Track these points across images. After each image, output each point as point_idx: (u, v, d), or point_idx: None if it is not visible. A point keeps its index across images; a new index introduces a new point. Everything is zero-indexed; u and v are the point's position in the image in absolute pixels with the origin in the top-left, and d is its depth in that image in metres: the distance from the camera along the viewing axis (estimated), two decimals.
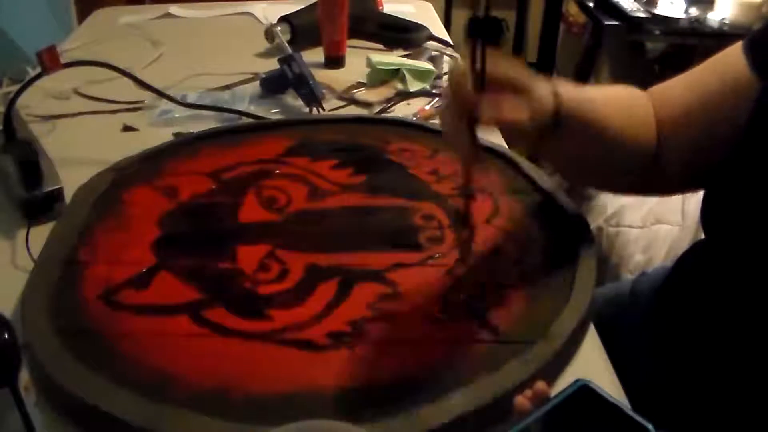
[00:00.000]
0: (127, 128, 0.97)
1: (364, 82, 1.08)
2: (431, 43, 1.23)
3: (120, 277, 0.64)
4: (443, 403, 0.50)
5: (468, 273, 0.65)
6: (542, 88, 0.60)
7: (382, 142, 0.88)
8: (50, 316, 0.58)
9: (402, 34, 1.25)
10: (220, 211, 0.74)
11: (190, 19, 1.45)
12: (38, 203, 0.74)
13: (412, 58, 1.13)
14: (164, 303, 0.61)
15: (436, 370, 0.54)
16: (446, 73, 1.13)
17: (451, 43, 1.24)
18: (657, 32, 1.77)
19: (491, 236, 0.70)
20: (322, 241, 0.70)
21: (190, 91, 1.04)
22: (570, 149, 0.65)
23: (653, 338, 0.73)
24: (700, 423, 0.63)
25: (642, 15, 1.78)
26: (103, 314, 0.60)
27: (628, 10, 1.80)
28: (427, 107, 1.01)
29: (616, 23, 1.83)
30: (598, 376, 0.56)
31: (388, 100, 1.03)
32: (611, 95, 0.68)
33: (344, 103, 1.04)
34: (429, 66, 1.09)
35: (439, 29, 1.32)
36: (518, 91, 0.58)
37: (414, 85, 1.05)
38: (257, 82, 1.07)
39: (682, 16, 1.77)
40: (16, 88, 0.89)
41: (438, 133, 0.90)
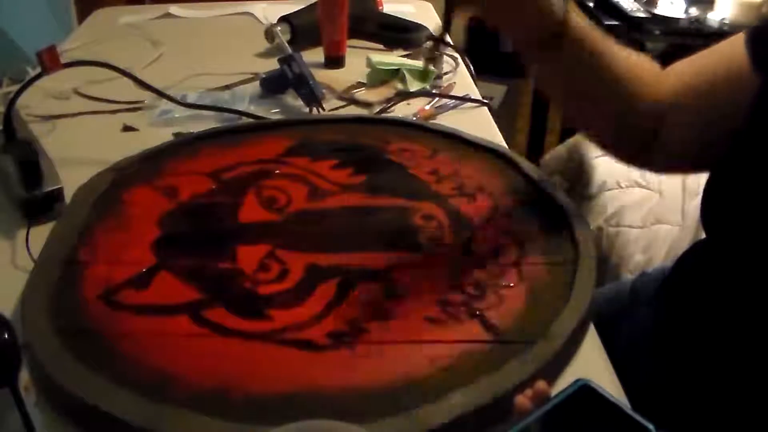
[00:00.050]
0: (127, 128, 0.97)
1: (364, 82, 1.08)
2: (431, 43, 1.23)
3: (120, 277, 0.64)
4: (443, 403, 0.50)
5: (468, 272, 0.65)
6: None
7: (382, 142, 0.88)
8: (50, 316, 0.58)
9: (402, 34, 1.25)
10: (220, 211, 0.74)
11: (190, 19, 1.45)
12: (38, 203, 0.74)
13: (412, 58, 1.13)
14: (164, 303, 0.61)
15: (436, 370, 0.54)
16: (446, 73, 1.13)
17: (451, 43, 1.24)
18: (657, 32, 1.77)
19: (491, 236, 0.70)
20: (322, 241, 0.70)
21: (190, 91, 1.04)
22: (569, 70, 0.67)
23: (653, 338, 0.73)
24: (700, 423, 0.63)
25: (642, 15, 1.78)
26: (103, 314, 0.60)
27: (628, 10, 1.80)
28: (427, 107, 1.01)
29: (616, 23, 1.83)
30: (598, 376, 0.56)
31: (388, 100, 1.03)
32: (623, 49, 0.70)
33: (344, 103, 1.04)
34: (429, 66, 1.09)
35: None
36: None
37: (414, 85, 1.05)
38: (257, 82, 1.07)
39: (682, 16, 1.77)
40: (16, 88, 0.89)
41: (438, 133, 0.90)
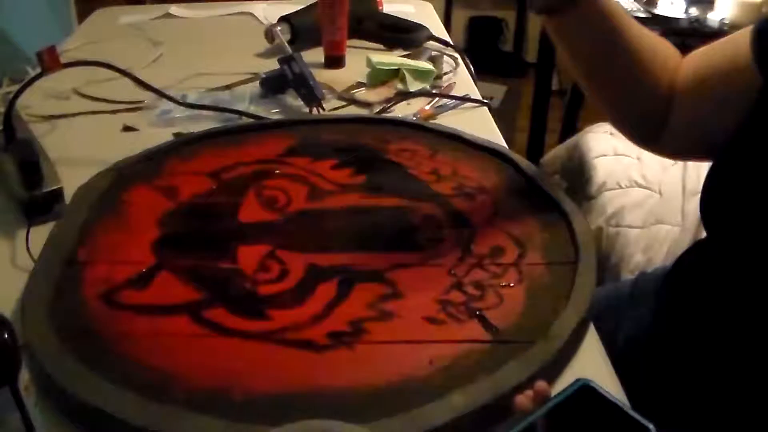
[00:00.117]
0: (127, 128, 0.97)
1: (364, 82, 1.08)
2: (431, 43, 1.23)
3: (120, 277, 0.64)
4: (443, 403, 0.50)
5: (468, 272, 0.65)
6: None
7: (382, 142, 0.88)
8: (50, 316, 0.58)
9: (402, 34, 1.24)
10: (220, 211, 0.74)
11: (190, 19, 1.45)
12: (38, 203, 0.74)
13: (412, 58, 1.13)
14: (164, 303, 0.61)
15: (436, 370, 0.54)
16: (446, 73, 1.13)
17: (451, 43, 1.24)
18: (657, 32, 1.78)
19: (491, 236, 0.70)
20: (322, 241, 0.70)
21: (190, 91, 1.04)
22: (584, 32, 0.69)
23: (653, 338, 0.73)
24: (700, 423, 0.63)
25: (642, 15, 1.78)
26: (103, 314, 0.60)
27: (628, 10, 1.80)
28: (427, 107, 1.01)
29: None
30: (598, 376, 0.55)
31: (388, 100, 1.03)
32: (644, 28, 0.72)
33: (344, 103, 1.04)
34: (429, 66, 1.09)
35: (439, 29, 1.32)
36: None
37: (414, 85, 1.05)
38: (257, 82, 1.07)
39: (682, 16, 1.77)
40: (16, 88, 0.89)
41: (438, 133, 0.90)
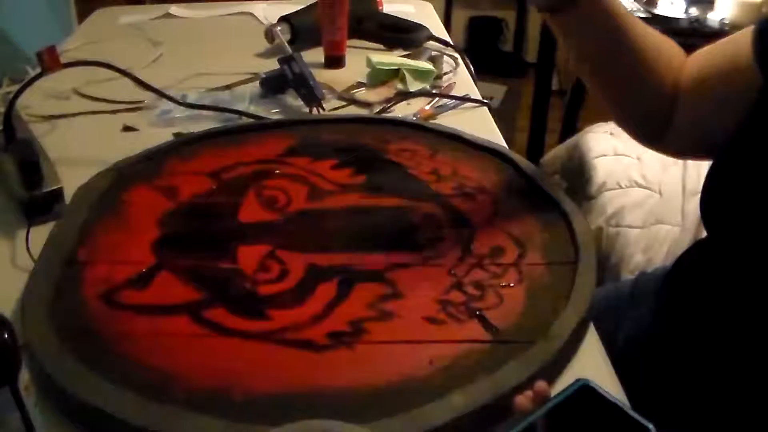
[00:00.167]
0: (127, 128, 0.97)
1: (364, 82, 1.08)
2: (431, 43, 1.23)
3: (120, 277, 0.64)
4: (443, 403, 0.50)
5: (468, 272, 0.65)
6: None
7: (382, 142, 0.88)
8: (50, 316, 0.58)
9: (402, 34, 1.24)
10: (220, 211, 0.74)
11: (190, 19, 1.45)
12: (38, 203, 0.74)
13: (412, 58, 1.13)
14: (164, 303, 0.61)
15: (436, 370, 0.54)
16: (446, 73, 1.13)
17: (451, 43, 1.24)
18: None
19: (491, 236, 0.70)
20: (322, 241, 0.70)
21: (190, 91, 1.04)
22: (587, 31, 0.70)
23: (653, 338, 0.73)
24: (700, 423, 0.63)
25: (642, 15, 1.78)
26: (103, 314, 0.60)
27: (628, 10, 1.81)
28: (427, 107, 1.01)
29: None
30: (598, 376, 0.55)
31: (388, 100, 1.03)
32: (648, 27, 0.72)
33: (344, 103, 1.04)
34: (429, 66, 1.09)
35: (439, 29, 1.32)
36: None
37: (414, 85, 1.05)
38: (257, 82, 1.07)
39: (682, 16, 1.77)
40: (16, 88, 0.89)
41: (438, 133, 0.90)
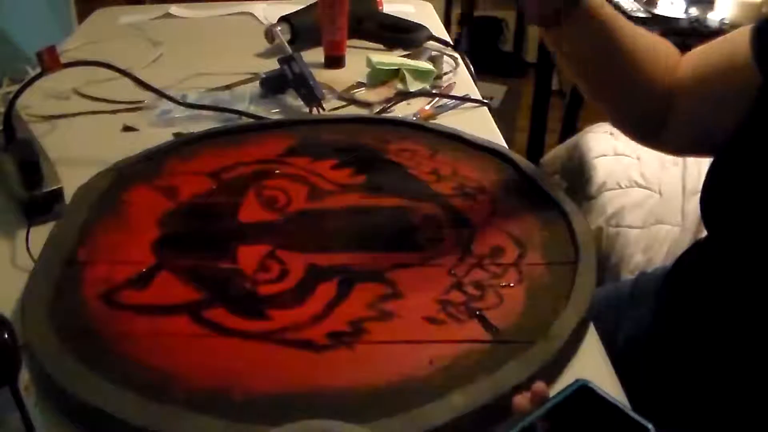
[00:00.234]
0: (127, 128, 0.97)
1: (364, 82, 1.08)
2: (431, 43, 1.23)
3: (120, 277, 0.64)
4: (443, 403, 0.50)
5: (468, 272, 0.65)
6: None
7: (382, 142, 0.88)
8: (50, 316, 0.58)
9: (402, 34, 1.24)
10: (221, 211, 0.74)
11: (190, 19, 1.45)
12: (38, 203, 0.74)
13: (412, 58, 1.13)
14: (164, 303, 0.61)
15: (436, 370, 0.54)
16: (446, 73, 1.13)
17: (451, 43, 1.24)
18: (657, 32, 1.78)
19: (491, 236, 0.70)
20: (322, 241, 0.70)
21: (190, 91, 1.04)
22: (582, 42, 0.70)
23: (653, 338, 0.73)
24: (700, 423, 0.63)
25: (642, 15, 1.78)
26: (103, 314, 0.60)
27: (628, 10, 1.80)
28: (427, 107, 1.01)
29: None
30: (598, 376, 0.56)
31: (388, 100, 1.03)
32: (641, 28, 0.73)
33: (344, 103, 1.04)
34: (429, 66, 1.09)
35: (439, 29, 1.32)
36: None
37: (414, 85, 1.05)
38: (257, 82, 1.07)
39: (682, 16, 1.77)
40: (16, 88, 0.89)
41: (438, 133, 0.90)
